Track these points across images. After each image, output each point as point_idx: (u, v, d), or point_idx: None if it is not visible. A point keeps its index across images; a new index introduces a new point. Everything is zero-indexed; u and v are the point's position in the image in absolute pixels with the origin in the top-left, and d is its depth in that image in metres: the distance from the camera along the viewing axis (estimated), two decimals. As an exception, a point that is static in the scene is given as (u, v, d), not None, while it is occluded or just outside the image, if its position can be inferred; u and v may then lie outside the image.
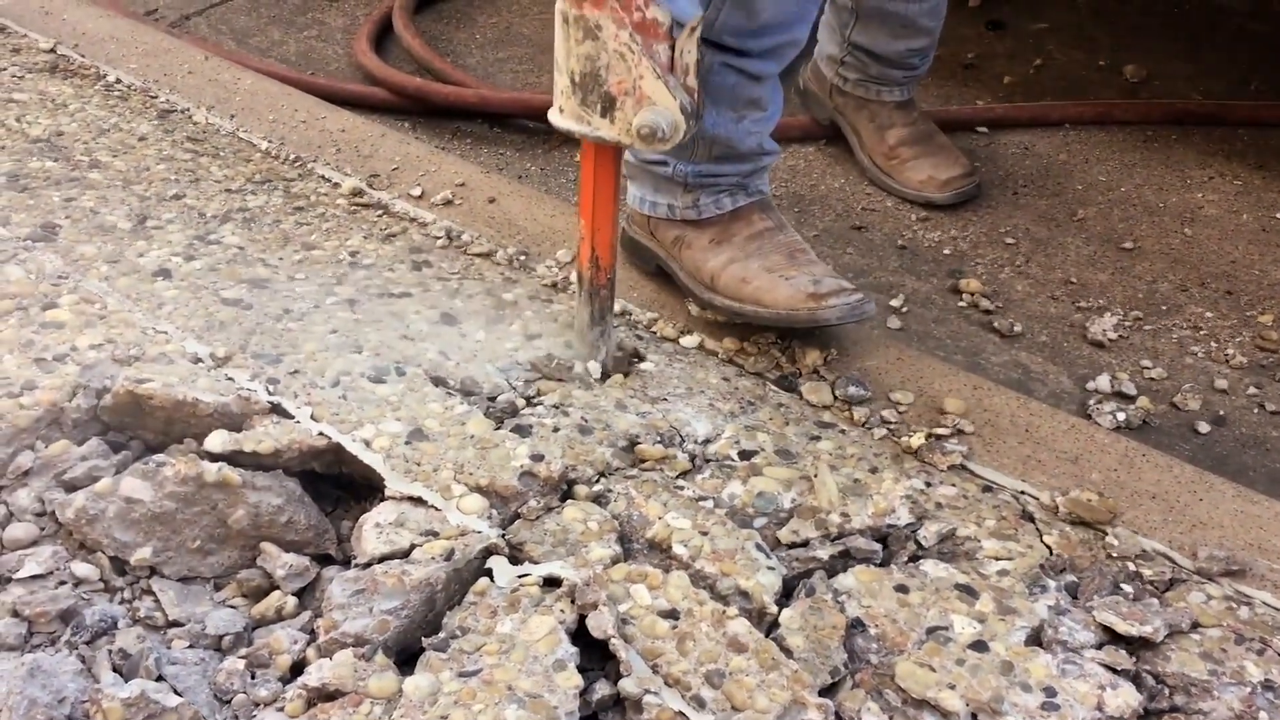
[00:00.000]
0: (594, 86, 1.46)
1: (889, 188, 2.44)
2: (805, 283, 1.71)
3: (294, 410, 1.52)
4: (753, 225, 1.83)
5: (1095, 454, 1.58)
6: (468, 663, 1.21)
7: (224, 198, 2.03)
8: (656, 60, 1.43)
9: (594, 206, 1.58)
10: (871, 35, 2.35)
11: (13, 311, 1.65)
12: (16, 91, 2.35)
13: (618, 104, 1.46)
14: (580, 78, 1.46)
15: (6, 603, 1.33)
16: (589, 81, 1.46)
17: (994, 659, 1.25)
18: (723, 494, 1.48)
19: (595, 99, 1.47)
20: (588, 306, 1.65)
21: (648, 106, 1.44)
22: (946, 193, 2.38)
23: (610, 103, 1.46)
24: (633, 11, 1.41)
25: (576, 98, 1.48)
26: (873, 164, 2.47)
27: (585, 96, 1.47)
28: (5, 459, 1.45)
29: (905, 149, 2.42)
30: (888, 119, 2.44)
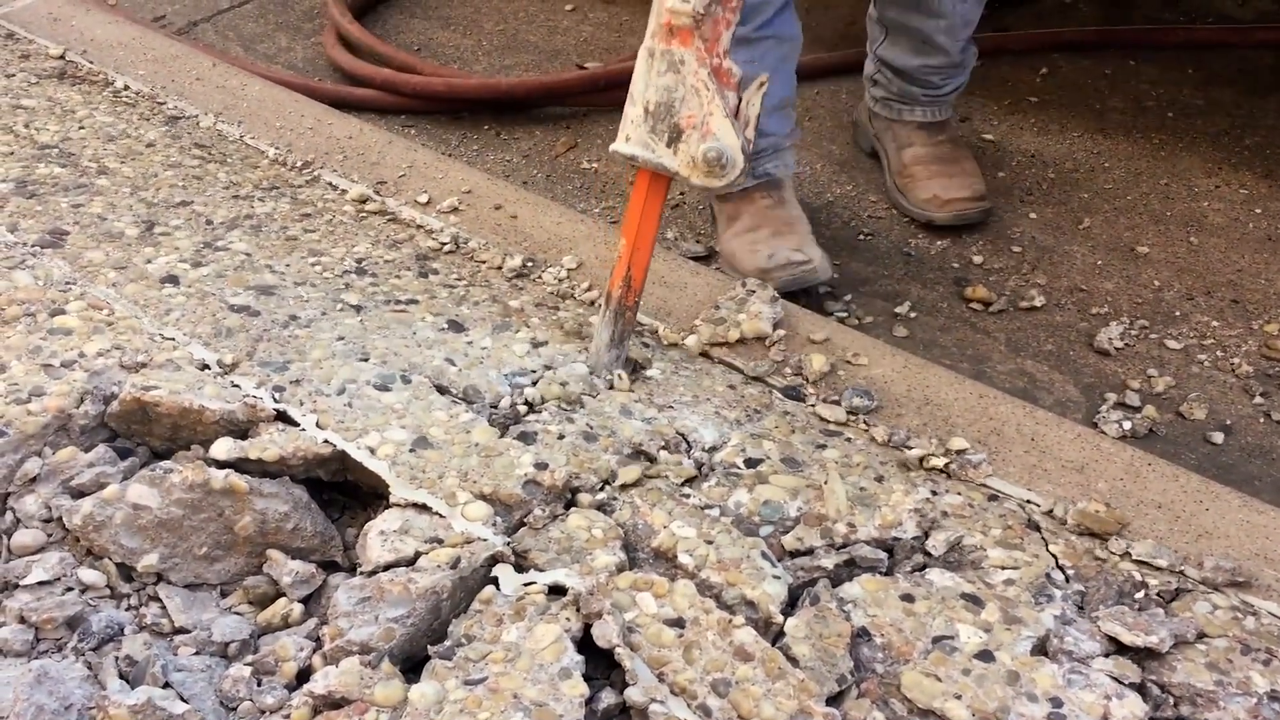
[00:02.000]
0: (666, 116, 1.53)
1: (900, 206, 2.45)
2: (763, 258, 2.05)
3: (300, 417, 1.52)
4: (754, 204, 2.15)
5: (1101, 463, 1.58)
6: (473, 671, 1.21)
7: (231, 204, 2.03)
8: (727, 103, 1.51)
9: (638, 231, 1.62)
10: (896, 51, 2.37)
11: (20, 317, 1.66)
12: (25, 98, 2.36)
13: (684, 136, 1.53)
14: (655, 106, 1.53)
15: (13, 609, 1.34)
16: (662, 111, 1.53)
17: (1000, 669, 1.25)
18: (728, 502, 1.48)
19: (664, 128, 1.53)
20: (610, 326, 1.67)
21: (711, 139, 1.52)
22: (947, 213, 2.36)
23: (677, 134, 1.53)
24: (713, 56, 1.49)
25: (647, 125, 1.55)
26: (891, 182, 2.48)
27: (655, 125, 1.54)
28: (13, 465, 1.45)
29: (919, 167, 2.42)
30: (907, 138, 2.45)
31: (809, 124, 2.70)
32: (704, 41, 1.49)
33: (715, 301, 1.86)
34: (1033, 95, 2.79)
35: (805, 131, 2.67)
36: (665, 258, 2.00)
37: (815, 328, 1.82)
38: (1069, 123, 2.68)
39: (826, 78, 2.89)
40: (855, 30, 3.08)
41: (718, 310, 1.83)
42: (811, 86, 2.86)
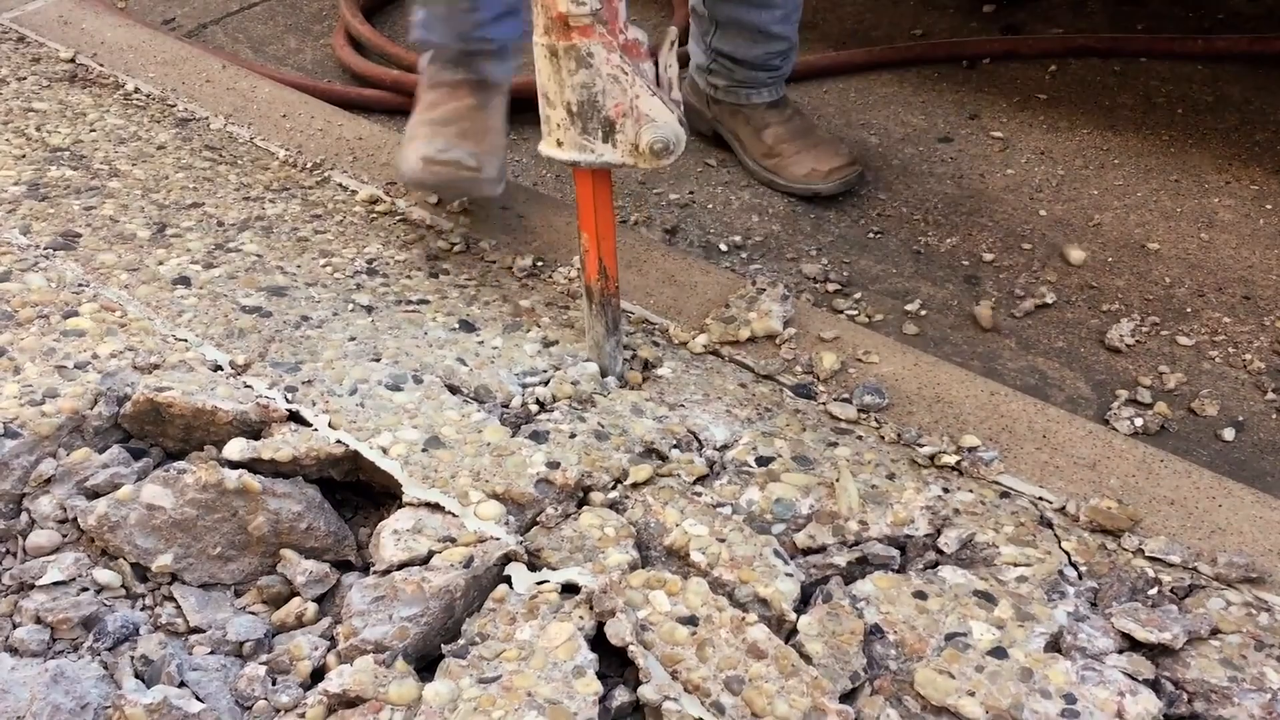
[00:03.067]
0: (593, 114, 1.48)
1: (776, 185, 2.48)
2: (433, 148, 1.87)
3: (312, 418, 1.53)
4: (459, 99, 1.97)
5: (1113, 460, 1.58)
6: (487, 669, 1.21)
7: (242, 206, 2.04)
8: (646, 78, 1.46)
9: (596, 220, 1.59)
10: (732, 42, 2.39)
11: (34, 320, 1.66)
12: (36, 101, 2.37)
13: (618, 127, 1.48)
14: (578, 107, 1.47)
15: (29, 609, 1.34)
16: (587, 109, 1.47)
17: (1013, 666, 1.25)
18: (740, 500, 1.48)
19: (595, 125, 1.48)
20: (602, 318, 1.66)
21: (648, 124, 1.47)
22: (832, 182, 2.42)
23: (610, 127, 1.48)
24: (618, 35, 1.44)
25: (576, 128, 1.49)
26: (757, 165, 2.50)
27: (585, 125, 1.49)
28: (28, 466, 1.46)
29: (785, 145, 2.46)
30: (762, 120, 2.48)
31: (817, 122, 2.70)
32: (605, 26, 1.43)
33: (725, 300, 1.86)
34: (1042, 93, 2.79)
35: (814, 130, 2.67)
36: (673, 255, 2.00)
37: (826, 326, 1.82)
38: (1078, 120, 2.68)
39: (834, 76, 2.88)
40: (862, 29, 3.09)
41: (728, 309, 1.83)
42: (819, 85, 2.86)
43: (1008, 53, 2.92)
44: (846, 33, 3.09)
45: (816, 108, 2.76)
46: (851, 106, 2.77)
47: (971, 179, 2.49)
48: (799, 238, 2.32)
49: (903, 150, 2.60)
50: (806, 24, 3.13)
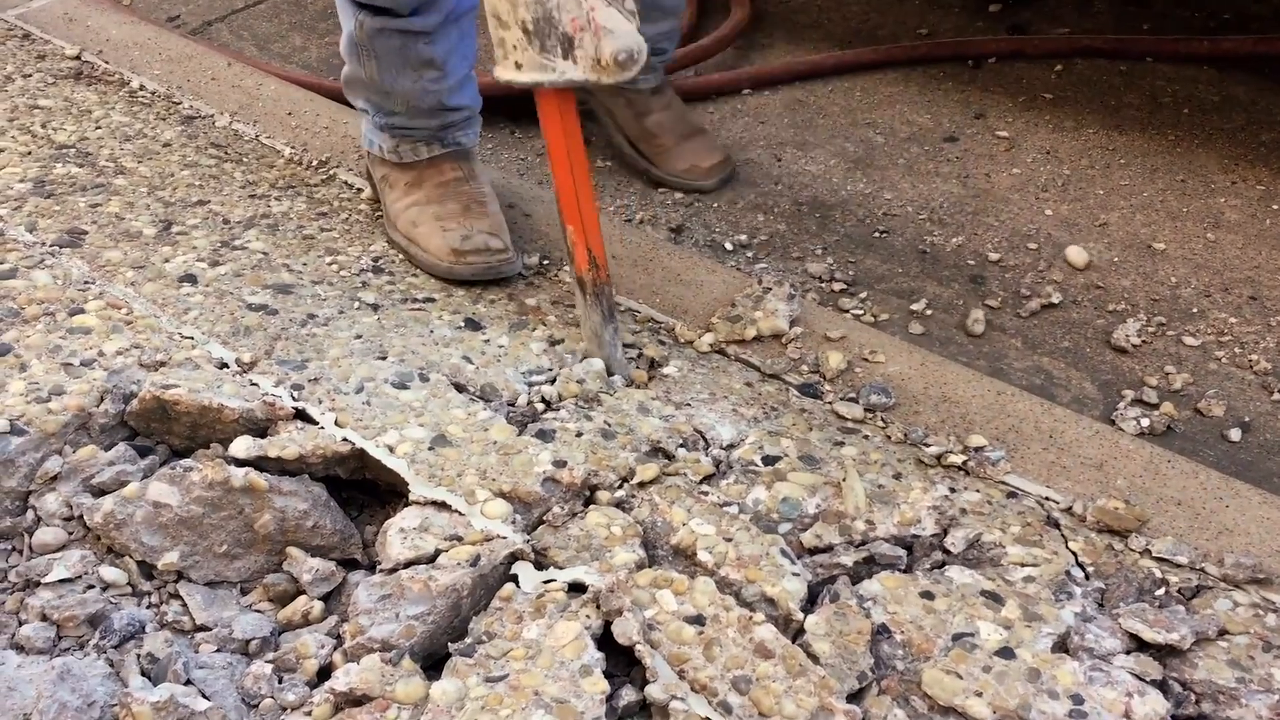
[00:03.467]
0: (550, 30, 1.44)
1: (649, 173, 2.49)
2: (456, 238, 1.86)
3: (318, 416, 1.53)
4: (443, 174, 1.96)
5: (1120, 460, 1.57)
6: (494, 668, 1.21)
7: (248, 204, 2.04)
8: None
9: (579, 205, 1.58)
10: None
11: (40, 317, 1.66)
12: (42, 98, 2.37)
13: (576, 42, 1.43)
14: (534, 25, 1.44)
15: (35, 606, 1.34)
16: (544, 26, 1.44)
17: (1021, 666, 1.25)
18: (747, 499, 1.48)
19: (554, 42, 1.44)
20: (597, 308, 1.66)
21: (607, 36, 1.42)
22: (713, 179, 2.46)
23: (569, 43, 1.43)
24: None
25: (535, 47, 1.46)
26: (632, 148, 2.51)
27: (544, 43, 1.45)
28: (34, 464, 1.46)
29: (667, 137, 2.47)
30: (645, 104, 2.47)
31: (822, 121, 2.70)
32: None
33: (731, 299, 1.86)
34: (1048, 92, 2.78)
35: (819, 129, 2.67)
36: (679, 254, 2.00)
37: (832, 325, 1.82)
38: (1085, 119, 2.67)
39: (839, 75, 2.88)
40: (867, 28, 3.08)
41: (734, 308, 1.83)
42: (825, 84, 2.85)
43: (1013, 52, 2.92)
44: (851, 32, 3.09)
45: (822, 107, 2.76)
46: (857, 105, 2.77)
47: (977, 178, 2.49)
48: (804, 237, 2.32)
49: (908, 149, 2.60)
50: (811, 23, 3.14)
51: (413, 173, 1.97)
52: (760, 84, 2.85)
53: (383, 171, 2.01)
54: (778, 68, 2.87)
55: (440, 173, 1.97)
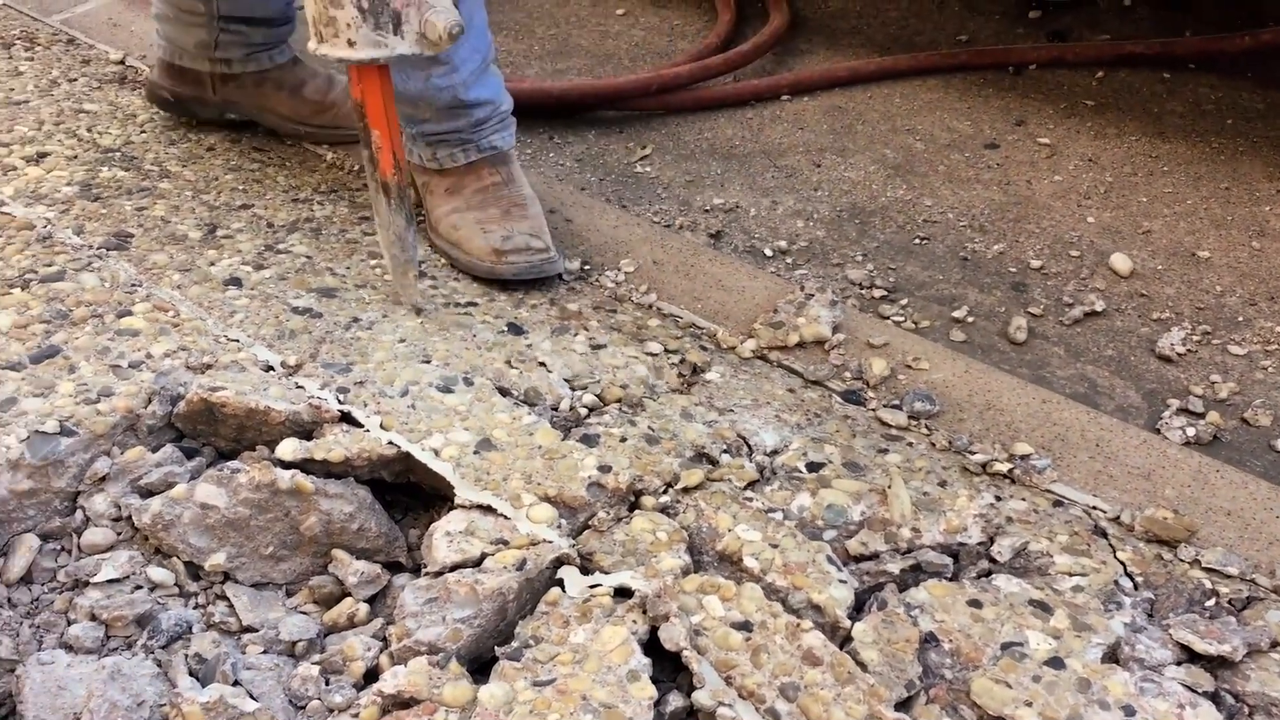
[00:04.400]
0: (382, 8, 1.52)
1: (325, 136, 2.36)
2: (497, 238, 1.89)
3: (364, 419, 1.53)
4: (482, 179, 1.99)
5: (1168, 470, 1.56)
6: (542, 672, 1.21)
7: (291, 207, 2.05)
8: None
9: (386, 116, 1.64)
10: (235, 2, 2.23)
11: (89, 319, 1.68)
12: (88, 102, 2.39)
13: (403, 18, 1.53)
14: (369, 3, 1.52)
15: (84, 606, 1.35)
16: (377, 4, 1.52)
17: (1071, 676, 1.24)
18: (791, 506, 1.47)
19: (386, 19, 1.53)
20: (401, 210, 1.71)
21: (430, 10, 1.52)
22: None
23: (397, 19, 1.53)
24: None
25: (369, 24, 1.54)
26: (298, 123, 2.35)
27: (377, 20, 1.53)
28: (83, 464, 1.47)
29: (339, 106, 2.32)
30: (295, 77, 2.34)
31: (861, 127, 2.69)
32: None
33: (773, 305, 1.85)
34: (1089, 99, 2.77)
35: (858, 135, 2.66)
36: (721, 260, 2.00)
37: (875, 332, 1.81)
38: (1126, 127, 2.66)
39: (879, 82, 2.88)
40: (906, 34, 3.08)
41: (776, 313, 1.83)
42: (864, 90, 2.85)
43: (1054, 59, 2.90)
44: (891, 38, 3.08)
45: (861, 113, 2.75)
46: (896, 112, 2.76)
47: (1018, 185, 2.48)
48: (844, 243, 2.31)
49: (949, 156, 2.59)
50: (851, 29, 3.14)
51: (451, 178, 1.99)
52: (799, 90, 2.84)
53: (423, 179, 2.03)
54: (817, 73, 2.87)
55: (479, 177, 1.98)
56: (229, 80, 2.29)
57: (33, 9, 2.92)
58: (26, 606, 1.37)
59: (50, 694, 1.25)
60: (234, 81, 2.29)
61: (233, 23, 2.22)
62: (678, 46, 3.10)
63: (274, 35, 2.28)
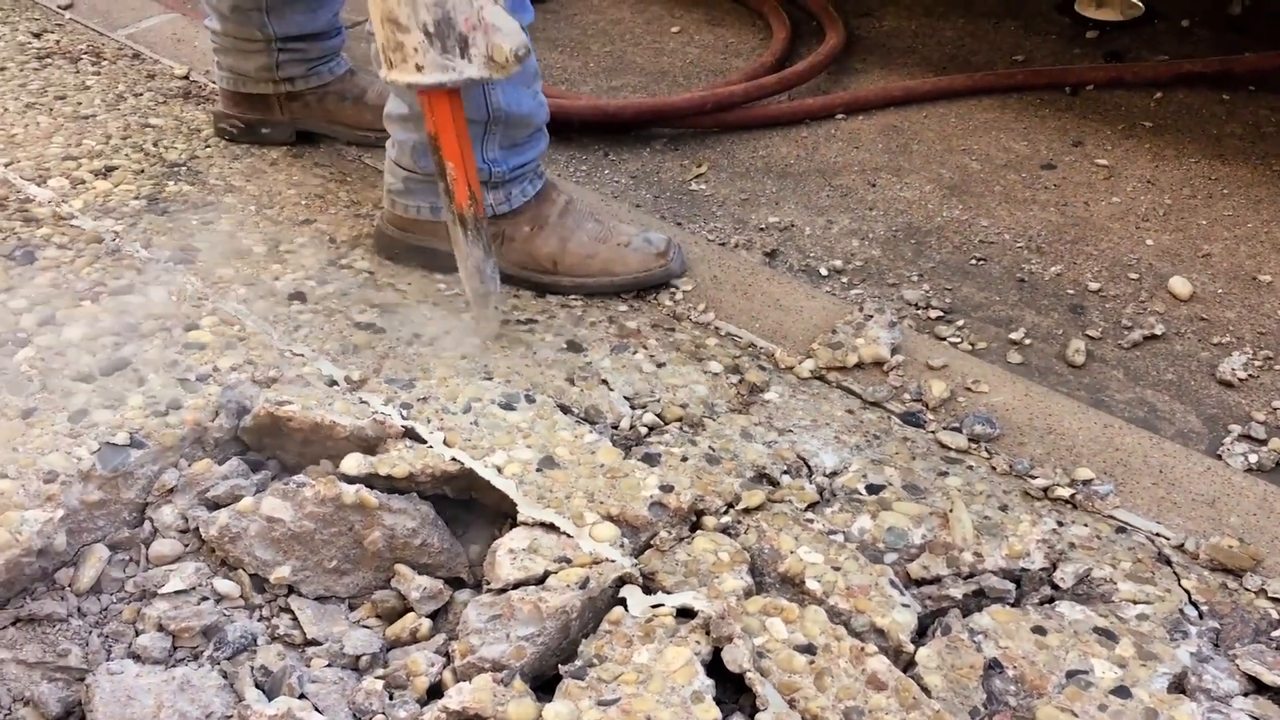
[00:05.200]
0: (449, 32, 1.51)
1: None
2: (640, 243, 1.95)
3: (427, 435, 1.55)
4: (556, 203, 1.97)
5: (1233, 497, 1.55)
6: (606, 691, 1.21)
7: (353, 222, 2.07)
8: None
9: (460, 147, 1.64)
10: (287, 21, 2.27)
11: (157, 332, 1.70)
12: (153, 116, 2.43)
13: (470, 41, 1.52)
14: (435, 27, 1.51)
15: (152, 617, 1.37)
16: (444, 28, 1.51)
17: (1138, 706, 1.23)
18: (852, 528, 1.47)
19: (453, 43, 1.52)
20: (479, 242, 1.70)
21: (496, 33, 1.52)
22: None
23: (464, 43, 1.52)
24: None
25: (436, 48, 1.53)
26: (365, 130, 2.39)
27: (444, 44, 1.52)
28: (151, 476, 1.49)
29: None
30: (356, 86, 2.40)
31: (917, 147, 2.69)
32: None
33: (832, 325, 1.85)
34: (1147, 120, 2.75)
35: (914, 155, 2.66)
36: (779, 279, 2.00)
37: (934, 354, 1.81)
38: (1185, 148, 2.64)
39: (934, 102, 2.87)
40: (962, 54, 3.07)
41: (834, 334, 1.83)
42: (920, 110, 2.84)
43: (1112, 79, 2.89)
44: (946, 58, 3.08)
45: (917, 132, 2.75)
46: (952, 132, 2.75)
47: (1076, 207, 2.46)
48: (900, 263, 2.31)
49: (1005, 177, 2.58)
50: (906, 49, 3.13)
51: (526, 216, 1.94)
52: (854, 109, 2.84)
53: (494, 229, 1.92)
54: (872, 93, 2.86)
55: (553, 202, 1.97)
56: (294, 99, 2.35)
57: (99, 24, 2.97)
58: (95, 616, 1.39)
59: (120, 703, 1.27)
60: (299, 100, 2.35)
61: (290, 42, 2.29)
62: (732, 65, 3.11)
63: (329, 48, 2.36)
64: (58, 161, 2.22)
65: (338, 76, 2.38)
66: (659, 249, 1.96)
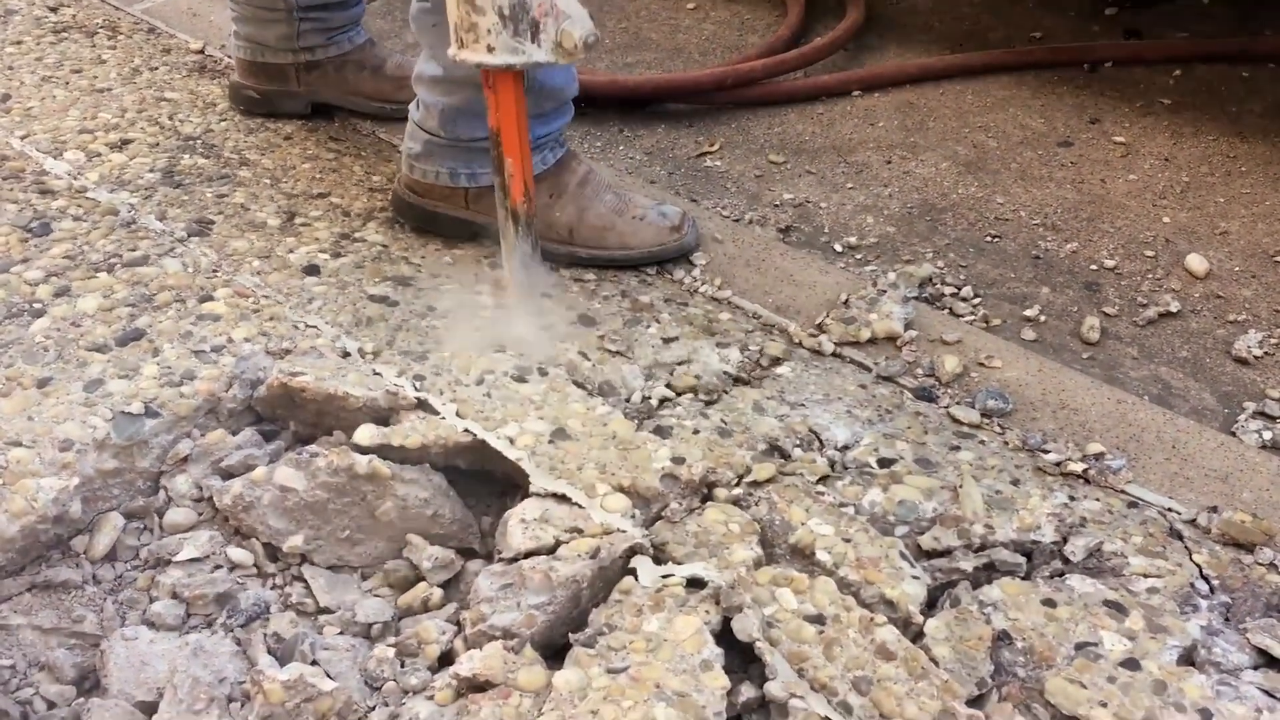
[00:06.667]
0: (522, 15, 1.53)
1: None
2: (655, 217, 1.97)
3: (440, 407, 1.55)
4: (576, 173, 1.98)
5: (1246, 473, 1.54)
6: (615, 660, 1.22)
7: (368, 196, 2.08)
8: None
9: (521, 143, 1.65)
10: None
11: (171, 303, 1.71)
12: (169, 90, 2.43)
13: (540, 27, 1.54)
14: (510, 10, 1.53)
15: (166, 584, 1.38)
16: (518, 12, 1.53)
17: (1147, 678, 1.23)
18: (863, 501, 1.47)
19: (525, 27, 1.54)
20: (528, 238, 1.71)
21: (566, 20, 1.54)
22: None
23: (535, 28, 1.54)
24: None
25: (508, 31, 1.54)
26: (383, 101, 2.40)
27: (516, 27, 1.54)
28: (166, 445, 1.50)
29: None
30: (375, 57, 2.39)
31: (933, 124, 2.68)
32: None
33: (845, 300, 1.85)
34: (1166, 97, 2.73)
35: (930, 132, 2.65)
36: (793, 255, 2.00)
37: (947, 329, 1.80)
38: (1204, 126, 2.62)
39: (951, 79, 2.86)
40: (980, 30, 3.05)
41: (848, 309, 1.83)
42: (936, 87, 2.83)
43: (1130, 57, 2.87)
44: (964, 35, 3.06)
45: (933, 109, 2.73)
46: (968, 109, 2.74)
47: (1092, 184, 2.45)
48: (914, 239, 2.30)
49: (1021, 154, 2.57)
50: (923, 26, 3.12)
51: (545, 185, 1.95)
52: (870, 86, 2.83)
53: None
54: (888, 70, 2.85)
55: (573, 172, 1.98)
56: (313, 68, 2.35)
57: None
58: (110, 583, 1.40)
59: (134, 668, 1.28)
60: (317, 69, 2.35)
61: (311, 11, 2.29)
62: (748, 41, 3.10)
63: (350, 16, 2.35)
64: (74, 134, 2.23)
65: (357, 46, 2.38)
66: (673, 223, 1.96)
